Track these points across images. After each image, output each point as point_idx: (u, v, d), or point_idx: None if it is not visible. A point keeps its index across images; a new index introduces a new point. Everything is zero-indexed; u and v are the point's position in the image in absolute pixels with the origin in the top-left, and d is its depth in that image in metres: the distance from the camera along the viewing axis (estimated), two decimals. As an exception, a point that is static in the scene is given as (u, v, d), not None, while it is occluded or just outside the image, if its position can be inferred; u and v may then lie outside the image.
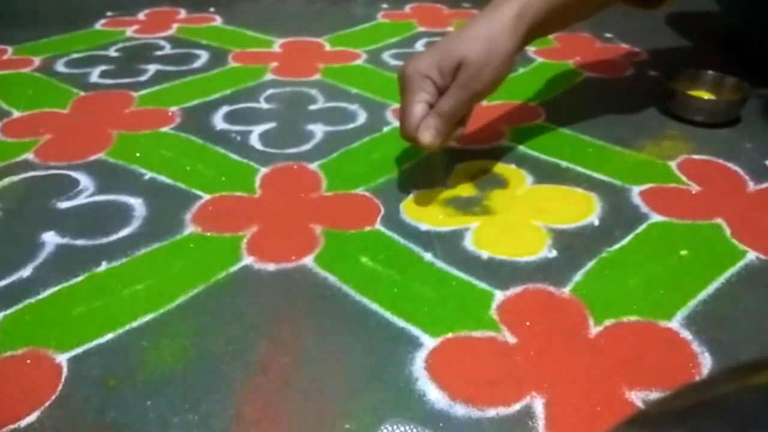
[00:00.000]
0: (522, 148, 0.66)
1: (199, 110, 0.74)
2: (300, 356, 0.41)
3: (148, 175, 0.61)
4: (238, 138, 0.68)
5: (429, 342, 0.42)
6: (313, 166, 0.62)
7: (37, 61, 0.87)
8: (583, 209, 0.56)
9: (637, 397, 0.39)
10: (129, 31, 0.98)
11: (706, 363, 0.41)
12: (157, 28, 0.99)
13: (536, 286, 0.47)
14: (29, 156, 0.64)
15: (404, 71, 0.53)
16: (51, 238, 0.52)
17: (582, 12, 0.62)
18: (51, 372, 0.40)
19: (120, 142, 0.67)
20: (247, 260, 0.50)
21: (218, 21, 1.03)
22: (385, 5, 1.11)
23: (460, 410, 0.38)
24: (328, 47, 0.93)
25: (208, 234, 0.53)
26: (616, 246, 0.52)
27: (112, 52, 0.90)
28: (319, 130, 0.69)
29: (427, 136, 0.52)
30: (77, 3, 1.10)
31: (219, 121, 0.71)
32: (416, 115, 0.52)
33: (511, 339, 0.43)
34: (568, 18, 0.62)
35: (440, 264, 0.49)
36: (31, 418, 0.37)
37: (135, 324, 0.44)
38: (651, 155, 0.65)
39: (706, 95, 0.74)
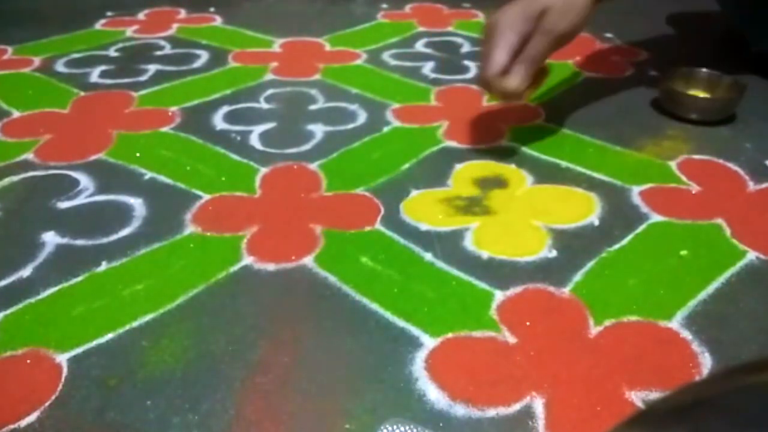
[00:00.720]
0: (522, 148, 0.66)
1: (199, 110, 0.74)
2: (300, 356, 0.41)
3: (148, 175, 0.61)
4: (238, 138, 0.68)
5: (429, 342, 0.42)
6: (313, 166, 0.62)
7: (37, 61, 0.87)
8: (583, 209, 0.56)
9: (637, 397, 0.39)
10: (129, 31, 0.98)
11: (706, 363, 0.41)
12: (157, 28, 0.99)
13: (536, 286, 0.47)
14: (29, 156, 0.64)
15: (492, 20, 0.57)
16: (51, 238, 0.52)
17: None
18: (51, 372, 0.40)
19: (120, 142, 0.67)
20: (247, 260, 0.50)
21: (218, 21, 1.03)
22: (385, 5, 1.11)
23: (460, 410, 0.38)
24: (328, 47, 0.93)
25: (208, 234, 0.53)
26: (616, 246, 0.52)
27: (112, 52, 0.90)
28: (319, 130, 0.69)
29: (514, 81, 0.56)
30: (77, 3, 1.10)
31: (219, 121, 0.71)
32: (499, 60, 0.56)
33: (511, 339, 0.43)
34: None
35: (440, 264, 0.49)
36: (31, 418, 0.37)
37: (135, 324, 0.44)
38: (651, 155, 0.65)
39: (702, 93, 0.75)
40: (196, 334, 0.43)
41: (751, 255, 0.51)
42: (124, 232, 0.53)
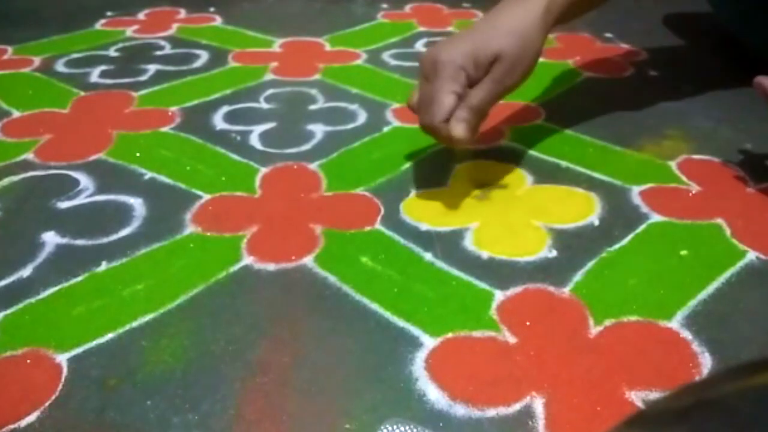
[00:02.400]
0: (522, 148, 0.66)
1: (199, 110, 0.74)
2: (300, 356, 0.41)
3: (148, 175, 0.61)
4: (238, 138, 0.68)
5: (429, 342, 0.42)
6: (313, 166, 0.62)
7: (37, 61, 0.87)
8: (583, 209, 0.56)
9: (637, 397, 0.39)
10: (129, 31, 0.98)
11: (706, 363, 0.41)
12: (157, 28, 0.99)
13: (536, 286, 0.47)
14: (29, 156, 0.64)
15: (437, 57, 0.49)
16: (51, 238, 0.52)
17: (596, 1, 0.64)
18: (51, 372, 0.40)
19: (120, 142, 0.67)
20: (247, 260, 0.50)
21: (218, 21, 1.03)
22: (385, 5, 1.11)
23: (460, 410, 0.38)
24: (328, 47, 0.93)
25: (208, 234, 0.53)
26: (616, 246, 0.52)
27: (112, 52, 0.90)
28: (319, 130, 0.69)
29: (460, 129, 0.48)
30: (77, 3, 1.10)
31: (219, 121, 0.71)
32: (447, 105, 0.49)
33: (511, 339, 0.43)
34: (585, 7, 0.62)
35: (440, 264, 0.49)
36: (31, 418, 0.37)
37: (135, 324, 0.44)
38: (651, 155, 0.65)
39: None
40: (196, 334, 0.43)
41: (751, 255, 0.51)
42: (124, 232, 0.53)
